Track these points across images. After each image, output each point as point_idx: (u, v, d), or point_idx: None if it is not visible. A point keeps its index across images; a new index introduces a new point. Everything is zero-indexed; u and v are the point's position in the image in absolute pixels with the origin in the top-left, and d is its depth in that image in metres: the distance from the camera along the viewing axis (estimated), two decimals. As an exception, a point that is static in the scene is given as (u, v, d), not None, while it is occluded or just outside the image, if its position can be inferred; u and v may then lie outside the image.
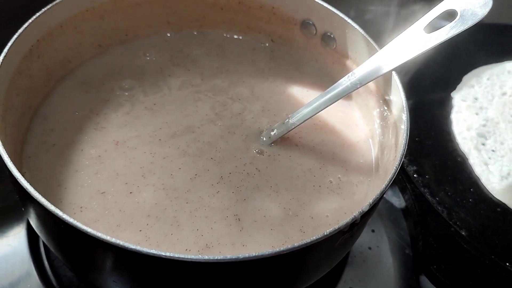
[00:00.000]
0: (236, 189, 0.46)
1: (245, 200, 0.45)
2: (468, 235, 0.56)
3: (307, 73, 0.59)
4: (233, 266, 0.35)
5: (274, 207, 0.45)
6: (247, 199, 0.45)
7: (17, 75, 0.46)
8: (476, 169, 0.62)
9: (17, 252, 0.52)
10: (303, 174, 0.48)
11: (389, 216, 0.60)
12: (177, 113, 0.52)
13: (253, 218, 0.44)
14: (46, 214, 0.35)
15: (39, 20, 0.48)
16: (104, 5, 0.54)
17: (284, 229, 0.44)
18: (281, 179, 0.47)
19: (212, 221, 0.43)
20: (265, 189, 0.46)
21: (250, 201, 0.45)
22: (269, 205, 0.45)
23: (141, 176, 0.45)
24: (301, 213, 0.45)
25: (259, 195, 0.46)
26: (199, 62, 0.58)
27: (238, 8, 0.59)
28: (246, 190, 0.46)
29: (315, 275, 0.43)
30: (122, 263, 0.36)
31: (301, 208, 0.45)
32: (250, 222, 0.43)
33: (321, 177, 0.48)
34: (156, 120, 0.51)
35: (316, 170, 0.49)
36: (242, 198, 0.45)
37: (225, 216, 0.43)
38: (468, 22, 0.39)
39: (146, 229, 0.42)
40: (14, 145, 0.45)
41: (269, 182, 0.47)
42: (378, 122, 0.52)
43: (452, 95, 0.71)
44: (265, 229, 0.43)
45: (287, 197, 0.46)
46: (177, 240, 0.41)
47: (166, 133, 0.49)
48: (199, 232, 0.42)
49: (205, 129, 0.50)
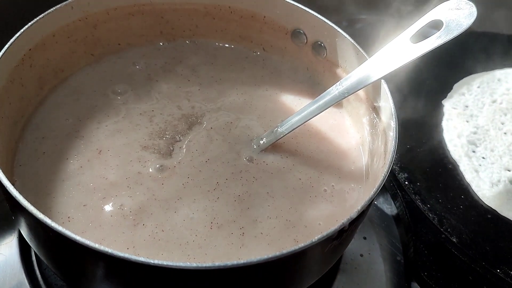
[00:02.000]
0: (227, 199, 0.46)
1: (245, 210, 0.45)
2: (459, 242, 0.56)
3: (299, 81, 0.60)
4: (222, 273, 0.35)
5: (273, 219, 0.45)
6: (246, 209, 0.45)
7: (9, 83, 0.47)
8: (467, 176, 0.63)
9: (8, 261, 0.52)
10: (298, 182, 0.49)
11: (380, 223, 0.61)
12: (169, 120, 0.52)
13: (247, 231, 0.44)
14: (36, 223, 0.35)
15: (32, 29, 0.48)
16: (97, 14, 0.55)
17: (280, 243, 0.44)
18: (276, 188, 0.48)
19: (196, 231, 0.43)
20: (261, 198, 0.47)
21: (247, 211, 0.45)
22: (268, 215, 0.45)
23: (126, 187, 0.45)
24: (297, 223, 0.45)
25: (254, 204, 0.46)
26: (192, 71, 0.58)
27: (230, 17, 0.60)
28: (238, 200, 0.46)
29: (306, 281, 0.44)
30: (111, 272, 0.36)
31: (298, 218, 0.46)
32: (247, 236, 0.44)
33: (317, 186, 0.49)
34: (146, 129, 0.51)
35: (311, 178, 0.49)
36: (239, 207, 0.45)
37: (209, 226, 0.44)
38: (454, 32, 0.40)
39: (133, 246, 0.42)
40: (6, 153, 0.45)
41: (264, 190, 0.47)
42: (368, 129, 0.52)
43: (443, 103, 0.71)
44: (262, 244, 0.43)
45: (285, 206, 0.46)
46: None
47: (155, 141, 0.50)
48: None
49: (196, 137, 0.51)
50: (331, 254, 0.41)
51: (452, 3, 0.42)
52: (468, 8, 0.40)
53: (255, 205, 0.46)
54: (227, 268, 0.34)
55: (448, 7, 0.41)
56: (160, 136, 0.50)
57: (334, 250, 0.41)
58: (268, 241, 0.43)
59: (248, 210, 0.45)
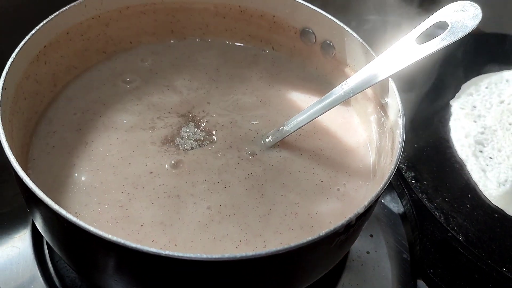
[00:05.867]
0: (235, 194, 0.47)
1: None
2: (465, 240, 0.56)
3: (307, 80, 0.61)
4: (231, 265, 0.36)
5: (282, 216, 0.46)
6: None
7: (24, 80, 0.48)
8: (474, 175, 0.63)
9: (22, 254, 0.53)
10: (307, 181, 0.49)
11: (387, 221, 0.61)
12: (178, 117, 0.53)
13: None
14: (50, 213, 0.36)
15: (46, 27, 0.49)
16: (110, 13, 0.56)
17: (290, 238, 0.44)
18: (284, 185, 0.48)
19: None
20: (268, 195, 0.47)
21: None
22: (277, 212, 0.46)
23: (135, 183, 0.46)
24: (316, 225, 0.46)
25: (262, 202, 0.46)
26: (202, 69, 0.59)
27: (240, 16, 0.61)
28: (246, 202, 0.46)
29: (312, 276, 0.44)
30: (122, 262, 0.37)
31: (306, 215, 0.46)
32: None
33: (326, 184, 0.49)
34: (156, 124, 0.52)
35: (320, 176, 0.50)
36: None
37: (218, 221, 0.44)
38: (458, 34, 0.40)
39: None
40: (20, 147, 0.46)
41: (272, 187, 0.48)
42: (375, 127, 0.53)
43: (451, 103, 0.72)
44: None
45: (293, 203, 0.47)
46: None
47: (167, 137, 0.51)
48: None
49: (204, 134, 0.52)
50: (338, 249, 0.42)
51: (458, 5, 0.42)
52: (473, 10, 0.40)
53: (262, 202, 0.46)
54: (236, 260, 0.35)
55: (453, 9, 0.42)
56: (169, 133, 0.51)
57: (341, 245, 0.41)
58: (280, 240, 0.44)
59: (254, 207, 0.46)
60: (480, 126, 0.68)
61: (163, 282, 0.38)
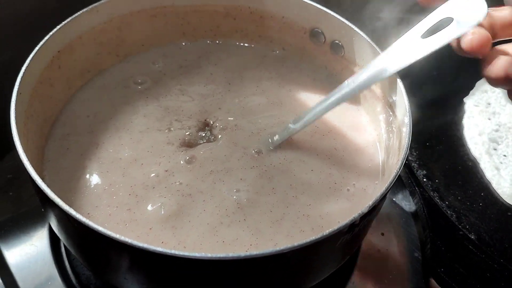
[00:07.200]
0: (244, 192, 0.47)
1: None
2: (477, 239, 0.56)
3: (317, 79, 0.61)
4: (238, 264, 0.36)
5: (291, 214, 0.46)
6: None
7: (39, 84, 0.49)
8: (487, 173, 0.62)
9: (40, 252, 0.54)
10: (316, 180, 0.49)
11: (399, 219, 0.61)
12: (189, 118, 0.54)
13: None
14: (62, 214, 0.37)
15: (60, 32, 0.51)
16: (122, 17, 0.57)
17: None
18: (292, 184, 0.49)
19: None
20: (278, 194, 0.47)
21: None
22: (285, 211, 0.46)
23: (146, 183, 0.47)
24: (326, 225, 0.46)
25: (270, 201, 0.47)
26: (213, 70, 0.60)
27: (250, 17, 0.61)
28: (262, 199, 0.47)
29: (320, 274, 0.45)
30: (131, 261, 0.38)
31: (325, 220, 0.46)
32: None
33: (335, 183, 0.49)
34: (167, 125, 0.53)
35: (329, 175, 0.50)
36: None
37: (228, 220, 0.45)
38: (463, 29, 0.40)
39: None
40: (36, 149, 0.48)
41: (281, 186, 0.48)
42: (384, 126, 0.53)
43: (465, 100, 0.71)
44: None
45: (302, 203, 0.47)
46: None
47: (177, 138, 0.52)
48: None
49: (214, 134, 0.53)
50: (344, 248, 0.42)
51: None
52: (478, 4, 0.40)
53: (275, 206, 0.47)
54: (240, 259, 0.35)
55: (458, 3, 0.41)
56: (181, 133, 0.52)
57: (347, 244, 0.42)
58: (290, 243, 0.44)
59: (267, 212, 0.46)
60: (494, 123, 0.68)
61: (171, 281, 0.39)
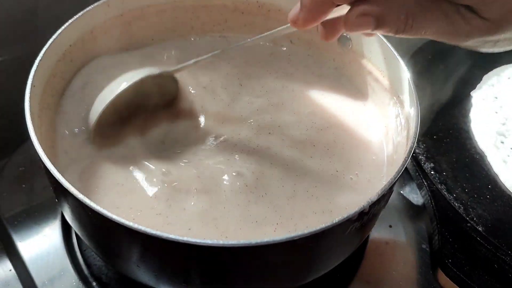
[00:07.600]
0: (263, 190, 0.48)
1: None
2: (484, 231, 0.56)
3: (325, 75, 0.61)
4: (247, 251, 0.37)
5: (299, 206, 0.47)
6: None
7: (52, 77, 0.50)
8: (494, 166, 0.62)
9: (52, 243, 0.55)
10: (325, 173, 0.50)
11: (406, 212, 0.61)
12: (196, 117, 0.54)
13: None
14: (75, 202, 0.38)
15: (72, 27, 0.52)
16: (132, 12, 0.58)
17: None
18: (301, 177, 0.49)
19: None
20: (287, 185, 0.48)
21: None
22: (294, 202, 0.47)
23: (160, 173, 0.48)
24: (334, 210, 0.47)
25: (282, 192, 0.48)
26: (221, 65, 0.61)
27: (258, 11, 0.62)
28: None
29: (328, 263, 0.45)
30: (144, 248, 0.39)
31: (333, 205, 0.47)
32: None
33: (342, 176, 0.50)
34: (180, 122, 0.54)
35: (337, 168, 0.50)
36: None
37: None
38: None
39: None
40: (50, 141, 0.49)
41: (289, 178, 0.49)
42: (392, 119, 0.54)
43: (472, 94, 0.71)
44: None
45: (311, 194, 0.48)
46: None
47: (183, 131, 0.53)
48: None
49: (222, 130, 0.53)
50: (353, 237, 0.43)
51: None
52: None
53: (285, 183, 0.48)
54: (251, 246, 0.36)
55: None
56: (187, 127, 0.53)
57: (356, 233, 0.42)
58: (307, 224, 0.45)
59: (268, 196, 0.47)
60: (501, 117, 0.68)
61: (183, 267, 0.39)
